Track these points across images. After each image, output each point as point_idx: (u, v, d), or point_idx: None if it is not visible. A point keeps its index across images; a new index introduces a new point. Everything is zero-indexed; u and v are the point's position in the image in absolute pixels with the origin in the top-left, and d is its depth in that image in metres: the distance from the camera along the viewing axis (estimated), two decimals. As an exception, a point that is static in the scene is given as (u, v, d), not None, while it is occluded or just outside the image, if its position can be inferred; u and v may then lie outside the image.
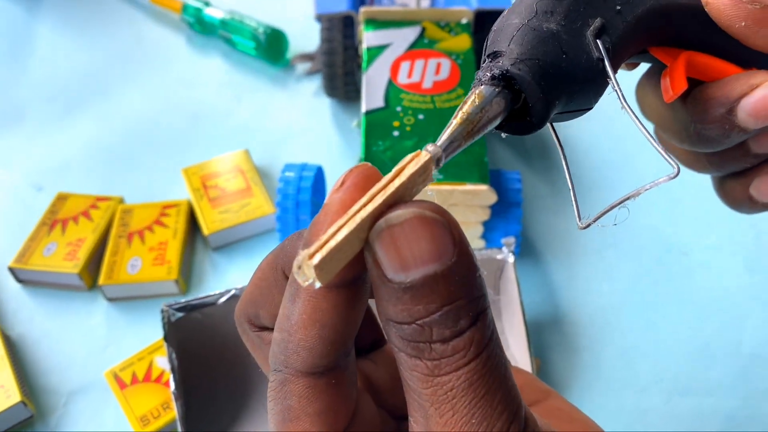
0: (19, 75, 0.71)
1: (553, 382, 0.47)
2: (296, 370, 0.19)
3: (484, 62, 0.21)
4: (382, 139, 0.49)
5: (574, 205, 0.21)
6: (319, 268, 0.16)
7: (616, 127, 0.65)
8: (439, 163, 0.18)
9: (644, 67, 0.30)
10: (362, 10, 0.57)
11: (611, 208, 0.20)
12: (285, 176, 0.52)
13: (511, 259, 0.48)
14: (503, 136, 0.21)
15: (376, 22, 0.57)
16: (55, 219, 0.55)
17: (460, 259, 0.16)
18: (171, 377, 0.40)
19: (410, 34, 0.56)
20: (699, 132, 0.27)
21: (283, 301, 0.19)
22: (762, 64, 0.26)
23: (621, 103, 0.21)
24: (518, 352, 0.46)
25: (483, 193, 0.47)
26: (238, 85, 0.70)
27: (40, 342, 0.50)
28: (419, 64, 0.54)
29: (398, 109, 0.51)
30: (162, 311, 0.43)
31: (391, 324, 0.17)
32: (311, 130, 0.65)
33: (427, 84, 0.52)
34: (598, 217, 0.21)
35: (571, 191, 0.22)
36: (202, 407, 0.42)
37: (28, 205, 0.58)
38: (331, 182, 0.58)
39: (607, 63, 0.21)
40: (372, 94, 0.52)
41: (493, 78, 0.20)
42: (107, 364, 0.47)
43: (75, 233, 0.54)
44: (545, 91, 0.20)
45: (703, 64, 0.25)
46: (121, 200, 0.58)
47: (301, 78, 0.70)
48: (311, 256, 0.16)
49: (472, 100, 0.19)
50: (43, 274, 0.52)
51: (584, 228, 0.20)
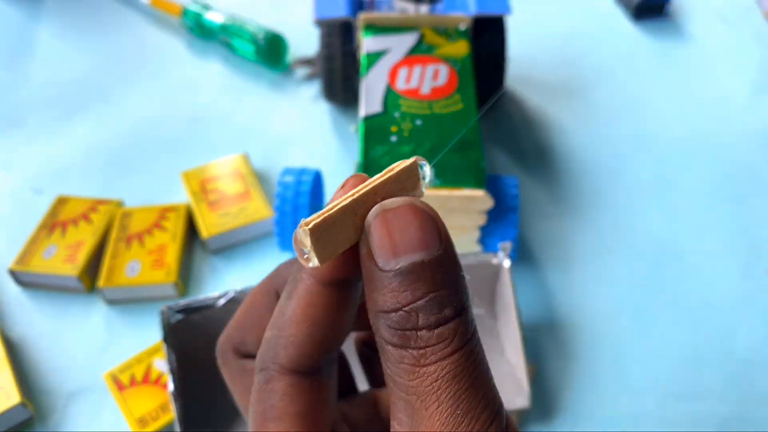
0: (20, 78, 0.72)
1: (548, 388, 0.48)
2: (282, 366, 0.20)
3: None
4: (380, 144, 0.49)
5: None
6: (315, 238, 0.17)
7: (614, 134, 0.66)
8: (425, 171, 0.19)
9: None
10: (361, 15, 0.58)
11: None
12: (284, 180, 0.52)
13: (507, 263, 0.48)
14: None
15: (375, 28, 0.58)
16: (55, 222, 0.55)
17: (446, 254, 0.18)
18: (169, 378, 0.40)
19: (409, 39, 0.57)
20: None
21: (280, 300, 0.20)
22: None
23: None
24: (514, 357, 0.46)
25: (480, 199, 0.48)
26: (238, 90, 0.70)
27: (39, 343, 0.50)
28: (417, 69, 0.54)
29: (396, 115, 0.51)
30: (161, 313, 0.43)
31: (380, 316, 0.18)
32: (310, 135, 0.65)
33: (425, 90, 0.53)
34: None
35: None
36: (200, 408, 0.42)
37: (28, 208, 0.59)
38: (330, 186, 0.58)
39: None
40: (370, 99, 0.52)
41: None
42: (106, 366, 0.48)
43: (75, 236, 0.54)
44: None
45: None
46: (121, 203, 0.58)
47: (300, 83, 0.71)
48: (308, 224, 0.17)
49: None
50: (43, 277, 0.52)
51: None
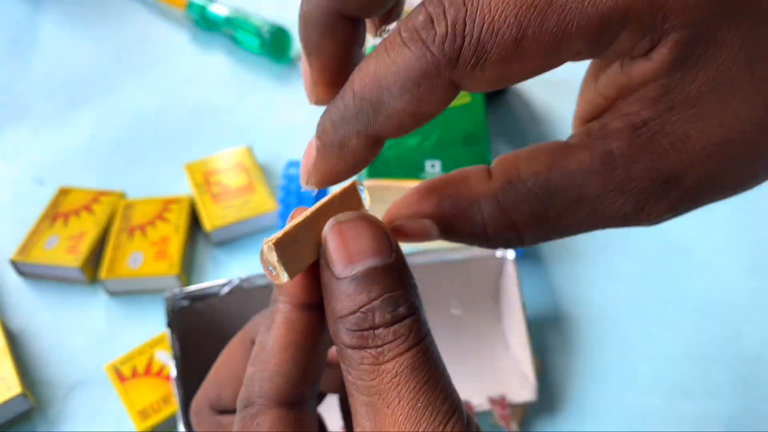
0: (23, 70, 0.71)
1: (554, 383, 0.47)
2: (269, 399, 0.20)
3: None
4: (386, 137, 0.49)
5: None
6: (280, 252, 0.19)
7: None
8: (363, 194, 0.21)
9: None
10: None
11: None
12: (288, 173, 0.52)
13: (511, 256, 0.47)
14: None
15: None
16: (57, 213, 0.55)
17: (398, 261, 0.19)
18: (173, 365, 0.40)
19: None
20: None
21: (258, 337, 0.21)
22: None
23: None
24: (519, 351, 0.46)
25: (486, 192, 0.47)
26: (242, 82, 0.70)
27: (40, 335, 0.50)
28: (424, 62, 0.54)
29: (402, 108, 0.51)
30: (166, 299, 0.43)
31: (338, 322, 0.19)
32: (314, 128, 0.64)
33: (432, 83, 0.52)
34: None
35: None
36: None
37: (30, 199, 0.58)
38: (334, 180, 0.58)
39: None
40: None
41: None
42: (107, 358, 0.47)
43: (77, 227, 0.54)
44: None
45: None
46: (123, 195, 0.58)
47: (304, 76, 0.70)
48: (271, 240, 0.19)
49: None
50: (45, 268, 0.52)
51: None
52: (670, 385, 0.47)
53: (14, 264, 0.52)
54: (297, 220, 0.19)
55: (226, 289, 0.43)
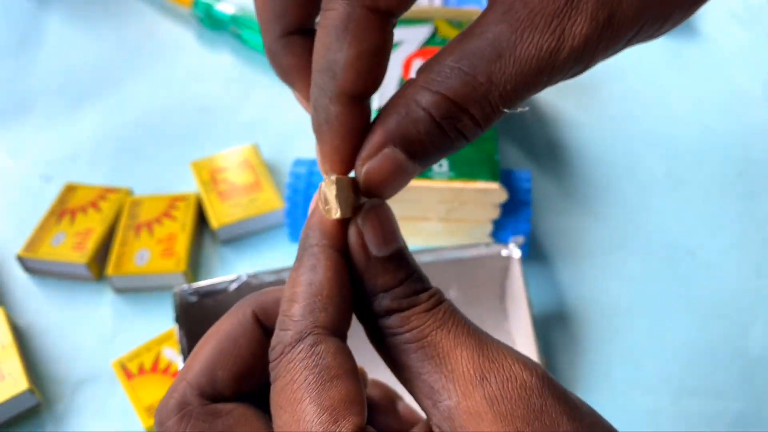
0: (29, 66, 0.71)
1: (559, 381, 0.47)
2: (326, 329, 0.20)
3: None
4: (394, 136, 0.49)
5: None
6: (338, 188, 0.20)
7: (626, 130, 0.65)
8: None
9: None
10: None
11: None
12: (295, 171, 0.52)
13: (517, 254, 0.47)
14: None
15: (389, 20, 0.57)
16: (64, 209, 0.55)
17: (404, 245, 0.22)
18: (180, 359, 0.39)
19: (423, 32, 0.56)
20: None
21: (299, 272, 0.21)
22: None
23: None
24: (525, 351, 0.46)
25: (493, 191, 0.48)
26: (248, 81, 0.70)
27: (47, 331, 0.50)
28: (431, 61, 0.54)
29: (410, 106, 0.51)
30: (174, 294, 0.43)
31: (383, 296, 0.21)
32: (320, 127, 0.65)
33: (439, 82, 0.52)
34: None
35: None
36: None
37: (37, 196, 0.58)
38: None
39: None
40: (384, 91, 0.52)
41: None
42: (114, 355, 0.47)
43: (83, 224, 0.54)
44: None
45: None
46: (130, 192, 0.58)
47: (310, 75, 0.70)
48: (333, 176, 0.21)
49: None
50: (52, 264, 0.52)
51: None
52: (678, 384, 0.47)
53: (21, 260, 0.52)
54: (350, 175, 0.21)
55: (234, 286, 0.43)
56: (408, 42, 0.55)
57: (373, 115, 0.20)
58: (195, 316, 0.43)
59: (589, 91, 0.70)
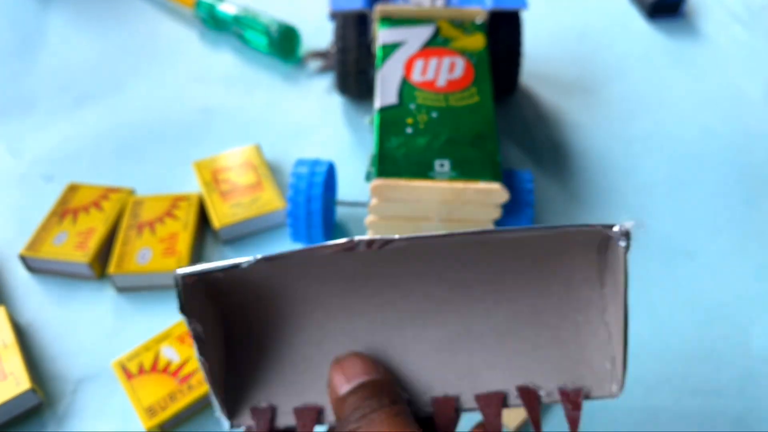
0: (31, 66, 0.71)
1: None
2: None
3: None
4: (396, 136, 0.49)
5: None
6: None
7: (627, 131, 0.65)
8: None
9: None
10: (377, 8, 0.57)
11: None
12: (297, 171, 0.52)
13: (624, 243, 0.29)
14: None
15: (391, 20, 0.57)
16: (66, 209, 0.55)
17: (385, 377, 0.26)
18: (195, 346, 0.29)
19: (425, 32, 0.56)
20: None
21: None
22: None
23: None
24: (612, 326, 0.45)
25: (495, 192, 0.47)
26: (250, 81, 0.70)
27: (49, 330, 0.50)
28: (433, 62, 0.54)
29: (412, 107, 0.51)
30: (175, 279, 0.31)
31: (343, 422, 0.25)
32: (322, 127, 0.65)
33: (441, 82, 0.52)
34: None
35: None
36: (244, 366, 0.32)
37: (39, 195, 0.58)
38: (343, 178, 0.58)
39: None
40: (386, 91, 0.52)
41: None
42: (116, 353, 0.48)
43: (86, 223, 0.54)
44: None
45: None
46: (132, 192, 0.58)
47: (312, 75, 0.71)
48: None
49: None
50: (54, 263, 0.52)
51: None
52: (679, 383, 0.47)
53: (23, 259, 0.52)
54: None
55: (246, 262, 0.35)
56: (410, 42, 0.55)
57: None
58: (203, 298, 0.33)
59: (591, 92, 0.70)
